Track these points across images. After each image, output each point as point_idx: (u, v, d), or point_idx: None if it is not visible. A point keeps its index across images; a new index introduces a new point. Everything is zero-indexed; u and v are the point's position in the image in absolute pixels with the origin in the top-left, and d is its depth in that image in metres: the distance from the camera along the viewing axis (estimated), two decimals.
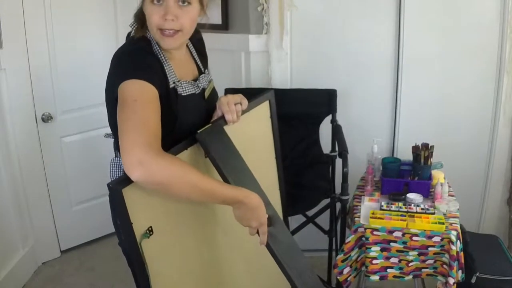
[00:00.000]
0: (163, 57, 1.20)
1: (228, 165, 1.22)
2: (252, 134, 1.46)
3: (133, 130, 0.97)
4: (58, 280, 2.56)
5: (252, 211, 1.13)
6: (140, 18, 1.23)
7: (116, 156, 1.34)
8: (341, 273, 1.85)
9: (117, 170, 1.32)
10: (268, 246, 1.20)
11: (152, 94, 1.07)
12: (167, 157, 0.99)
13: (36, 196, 2.60)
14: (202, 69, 1.39)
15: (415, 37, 2.33)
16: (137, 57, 1.15)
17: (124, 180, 1.00)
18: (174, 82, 1.21)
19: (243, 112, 1.33)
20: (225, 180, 1.20)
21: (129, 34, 1.27)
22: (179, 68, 1.26)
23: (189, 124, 1.24)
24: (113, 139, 1.33)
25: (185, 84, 1.24)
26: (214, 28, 2.48)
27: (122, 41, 1.29)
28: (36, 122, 2.54)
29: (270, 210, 1.24)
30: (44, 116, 2.55)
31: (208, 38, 1.50)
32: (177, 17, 1.15)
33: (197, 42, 1.41)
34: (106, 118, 1.25)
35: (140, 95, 1.04)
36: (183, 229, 1.23)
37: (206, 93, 1.33)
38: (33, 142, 2.55)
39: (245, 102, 1.32)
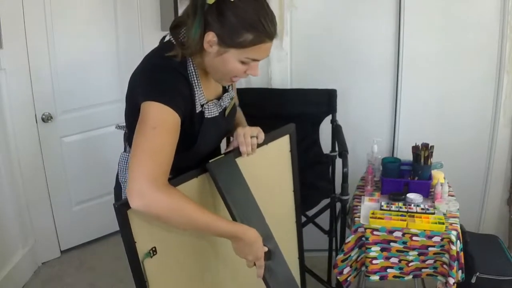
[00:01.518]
0: (196, 80, 1.16)
1: (235, 197, 1.22)
2: (270, 167, 1.45)
3: (144, 159, 1.00)
4: (58, 280, 2.56)
5: (249, 246, 1.15)
6: (190, 44, 1.11)
7: (125, 150, 1.35)
8: (341, 273, 1.85)
9: (124, 165, 1.32)
10: (264, 279, 1.21)
11: (173, 122, 1.07)
12: (168, 192, 1.01)
13: (36, 196, 2.60)
14: (226, 86, 1.35)
15: (415, 37, 2.33)
16: (168, 77, 1.10)
17: None
18: (202, 105, 1.20)
19: (260, 145, 1.33)
20: (230, 211, 1.21)
21: (164, 37, 1.22)
22: (207, 88, 1.24)
23: (206, 144, 1.25)
24: (124, 131, 1.35)
25: (211, 106, 1.22)
26: None
27: (122, 41, 1.28)
28: (36, 122, 2.53)
29: (271, 243, 1.24)
30: (44, 116, 2.54)
31: None
32: (257, 74, 1.18)
33: None
34: (106, 118, 1.26)
35: (161, 123, 1.04)
36: (187, 251, 1.24)
37: (227, 112, 1.31)
38: (33, 142, 2.55)
39: (261, 136, 1.31)
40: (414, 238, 1.74)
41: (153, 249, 1.13)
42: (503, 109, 2.36)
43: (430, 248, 1.74)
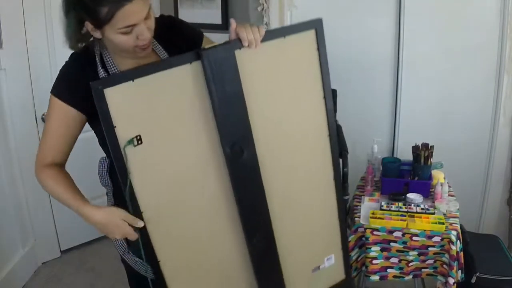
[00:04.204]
0: (99, 65, 1.19)
1: (223, 93, 1.12)
2: (290, 68, 1.23)
3: (40, 145, 1.28)
4: (58, 280, 2.56)
5: (103, 228, 1.18)
6: (79, 38, 1.20)
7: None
8: None
9: (101, 169, 1.37)
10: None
11: (59, 112, 1.20)
12: (44, 172, 1.26)
13: (36, 196, 2.60)
14: (166, 54, 1.29)
15: (415, 37, 2.33)
16: (66, 72, 1.22)
17: (109, 81, 1.06)
18: None
19: (274, 37, 1.17)
20: (214, 107, 1.12)
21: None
22: (130, 64, 1.21)
23: None
24: None
25: None
26: (214, 28, 2.48)
27: None
28: (36, 122, 2.53)
29: None
30: (44, 116, 2.54)
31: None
32: (147, 36, 1.14)
33: (164, 33, 1.27)
34: None
35: (53, 114, 1.21)
36: (177, 147, 1.15)
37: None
38: (33, 142, 2.54)
39: (262, 30, 1.17)
40: (414, 238, 1.74)
41: (138, 137, 1.08)
42: (503, 109, 2.36)
43: (430, 248, 1.74)
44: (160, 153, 1.13)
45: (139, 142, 1.09)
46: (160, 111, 1.11)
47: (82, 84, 1.13)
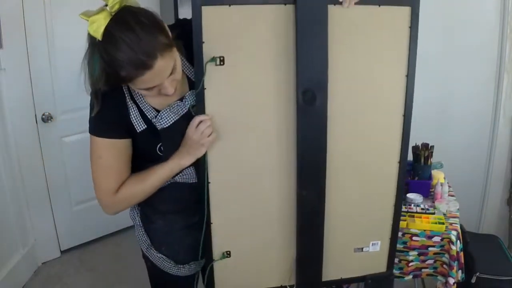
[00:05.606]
0: (130, 101, 1.16)
1: (309, 41, 1.15)
2: (379, 37, 1.25)
3: (99, 183, 1.22)
4: (58, 280, 2.56)
5: (190, 148, 1.16)
6: (104, 83, 1.11)
7: None
8: None
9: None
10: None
11: (114, 147, 1.19)
12: (122, 192, 1.20)
13: (36, 196, 2.60)
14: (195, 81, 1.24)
15: None
16: (98, 113, 1.17)
17: (208, 0, 1.12)
18: (151, 119, 1.17)
19: (367, 2, 1.19)
20: (297, 51, 1.15)
21: None
22: (157, 97, 1.16)
23: (175, 150, 1.20)
24: None
25: (164, 115, 1.16)
26: None
27: None
28: (36, 122, 2.54)
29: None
30: (44, 116, 2.55)
31: None
32: (171, 91, 1.11)
33: (185, 41, 1.20)
34: None
35: (104, 152, 1.19)
36: (254, 75, 1.19)
37: (196, 109, 1.19)
38: (33, 142, 2.55)
39: None
40: (414, 238, 1.74)
41: (221, 58, 1.14)
42: (503, 109, 2.37)
43: (430, 248, 1.74)
44: (237, 78, 1.18)
45: (221, 63, 1.15)
46: (247, 41, 1.16)
47: (116, 118, 1.16)
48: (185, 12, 2.88)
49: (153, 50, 1.01)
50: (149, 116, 1.17)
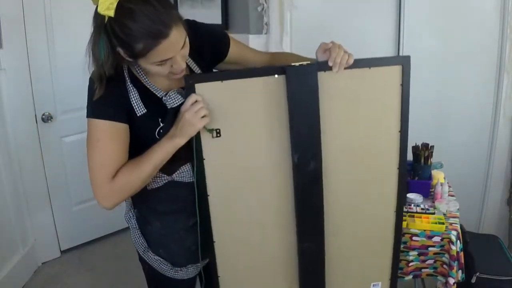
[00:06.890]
0: (130, 85, 1.18)
1: (301, 109, 1.20)
2: (370, 98, 1.27)
3: (96, 169, 1.19)
4: (58, 280, 2.56)
5: (183, 126, 1.15)
6: (112, 64, 1.14)
7: None
8: None
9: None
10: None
11: (113, 129, 1.17)
12: (119, 178, 1.17)
13: (36, 196, 2.60)
14: (199, 69, 1.31)
15: (415, 37, 2.33)
16: (101, 97, 1.16)
17: (201, 78, 1.17)
18: (161, 97, 1.19)
19: (360, 66, 1.22)
20: (290, 119, 1.19)
21: None
22: (164, 80, 1.21)
23: None
24: None
25: (173, 95, 1.18)
26: None
27: None
28: (36, 122, 2.54)
29: None
30: (44, 116, 2.55)
31: None
32: (182, 66, 1.14)
33: (194, 40, 1.24)
34: None
35: (103, 135, 1.17)
36: (250, 145, 1.24)
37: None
38: (33, 142, 2.55)
39: (351, 58, 1.21)
40: (414, 238, 1.74)
41: (217, 130, 1.19)
42: (503, 109, 2.36)
43: (430, 248, 1.74)
44: (234, 147, 1.23)
45: (218, 135, 1.20)
46: (241, 113, 1.21)
47: (118, 101, 1.16)
48: (185, 12, 2.88)
49: (169, 20, 1.05)
50: (158, 95, 1.19)
